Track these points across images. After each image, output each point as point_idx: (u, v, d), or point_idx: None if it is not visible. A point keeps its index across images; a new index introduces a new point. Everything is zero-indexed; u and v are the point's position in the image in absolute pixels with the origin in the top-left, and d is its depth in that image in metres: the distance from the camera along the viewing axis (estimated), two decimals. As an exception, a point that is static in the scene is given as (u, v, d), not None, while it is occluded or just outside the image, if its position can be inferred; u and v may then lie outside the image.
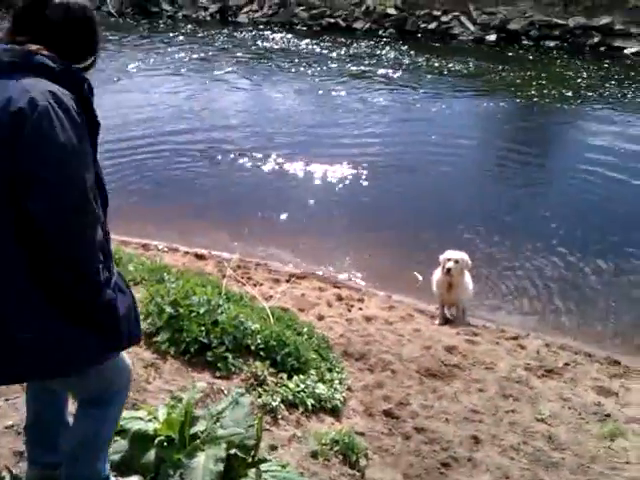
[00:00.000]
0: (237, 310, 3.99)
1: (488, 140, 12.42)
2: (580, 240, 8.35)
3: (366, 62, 17.46)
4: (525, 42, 19.49)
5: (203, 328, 3.70)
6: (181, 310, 3.76)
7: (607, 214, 9.17)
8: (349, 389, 4.30)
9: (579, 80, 15.97)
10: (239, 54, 18.03)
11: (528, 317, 7.05)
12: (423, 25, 20.57)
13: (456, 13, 20.55)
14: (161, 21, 22.59)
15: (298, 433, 3.36)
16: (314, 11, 21.66)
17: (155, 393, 3.37)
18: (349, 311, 6.50)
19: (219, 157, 10.86)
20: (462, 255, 6.39)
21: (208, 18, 22.64)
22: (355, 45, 19.16)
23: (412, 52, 18.41)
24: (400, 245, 8.28)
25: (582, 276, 7.71)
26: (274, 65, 17.16)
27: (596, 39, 19.00)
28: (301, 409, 3.58)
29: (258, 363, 3.65)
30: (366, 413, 4.15)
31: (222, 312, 3.82)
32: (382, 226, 8.64)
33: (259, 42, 19.48)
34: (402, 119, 13.01)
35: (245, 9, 22.68)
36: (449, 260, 6.28)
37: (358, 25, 20.98)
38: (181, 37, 19.97)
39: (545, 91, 15.21)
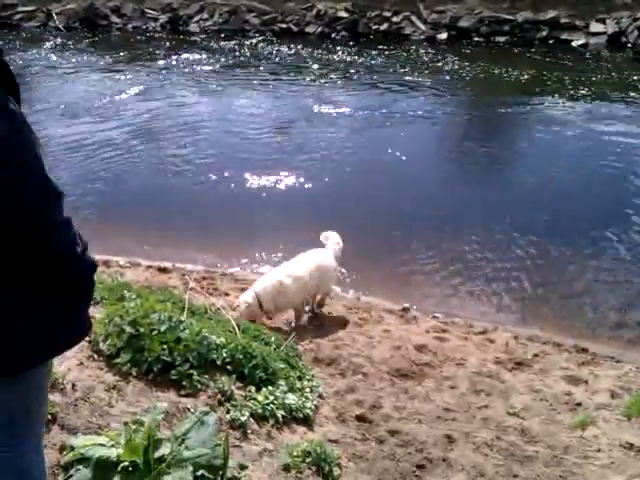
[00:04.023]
0: (200, 325, 3.88)
1: (449, 137, 12.52)
2: (541, 230, 8.46)
3: (323, 66, 17.47)
4: (476, 39, 19.75)
5: (165, 346, 3.59)
6: (142, 329, 3.64)
7: (568, 204, 9.31)
8: (320, 396, 4.24)
9: (533, 73, 16.22)
10: (195, 64, 17.83)
11: (495, 310, 7.09)
12: (375, 27, 20.66)
13: (406, 13, 20.71)
14: (111, 34, 22.23)
15: (269, 447, 3.28)
16: (265, 17, 21.57)
17: (119, 416, 3.25)
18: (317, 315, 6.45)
19: (180, 169, 10.67)
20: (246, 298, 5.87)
21: (159, 28, 22.34)
22: (309, 49, 19.16)
23: (367, 54, 18.49)
24: (367, 246, 8.26)
25: (546, 266, 7.80)
26: (233, 74, 17.00)
27: (544, 33, 19.39)
28: (271, 421, 3.49)
29: (224, 378, 3.56)
30: (339, 419, 4.10)
31: (185, 328, 3.71)
32: (348, 227, 8.49)
33: (214, 50, 19.30)
34: (367, 126, 12.83)
35: (196, 18, 22.44)
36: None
37: (310, 29, 20.97)
38: (135, 49, 19.66)
39: (502, 86, 15.46)
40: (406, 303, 6.89)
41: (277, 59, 18.35)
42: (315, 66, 17.45)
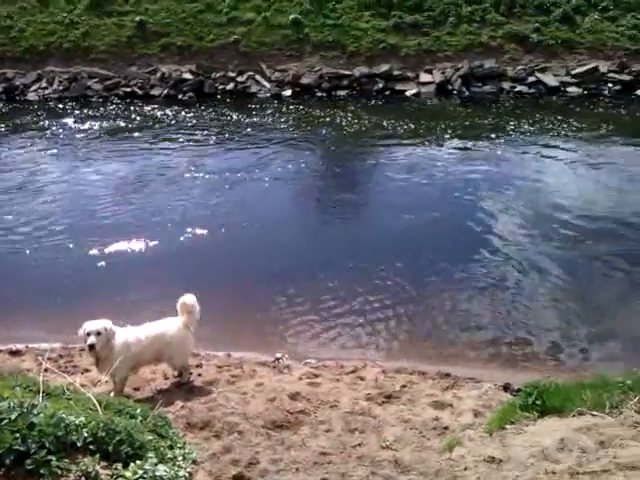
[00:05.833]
0: (56, 406, 3.63)
1: (306, 189, 12.90)
2: (402, 267, 8.95)
3: (172, 127, 17.46)
4: (319, 94, 20.82)
5: (18, 435, 3.31)
6: (-12, 420, 3.34)
7: (427, 241, 9.93)
8: (194, 462, 4.09)
9: (371, 123, 17.36)
10: (35, 134, 17.05)
11: (364, 348, 7.33)
12: (221, 87, 21.10)
13: (251, 73, 21.40)
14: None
15: (142, 524, 3.11)
16: (108, 82, 21.24)
17: (-33, 523, 2.94)
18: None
19: (27, 241, 10.09)
20: (104, 323, 5.58)
21: (-8, 99, 21.20)
22: (157, 111, 19.12)
23: (215, 113, 18.78)
24: (235, 302, 8.23)
25: (408, 300, 8.24)
26: (77, 140, 16.42)
27: (380, 85, 20.89)
28: (143, 497, 3.32)
29: (87, 459, 3.34)
30: (216, 483, 3.98)
31: (39, 412, 3.46)
32: (213, 284, 8.41)
33: (56, 119, 18.57)
34: (226, 183, 12.91)
35: (34, 87, 21.56)
36: (89, 335, 5.46)
37: (156, 92, 20.93)
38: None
39: (349, 136, 16.36)
40: (278, 353, 6.92)
41: (124, 123, 18.05)
42: (164, 128, 17.41)
